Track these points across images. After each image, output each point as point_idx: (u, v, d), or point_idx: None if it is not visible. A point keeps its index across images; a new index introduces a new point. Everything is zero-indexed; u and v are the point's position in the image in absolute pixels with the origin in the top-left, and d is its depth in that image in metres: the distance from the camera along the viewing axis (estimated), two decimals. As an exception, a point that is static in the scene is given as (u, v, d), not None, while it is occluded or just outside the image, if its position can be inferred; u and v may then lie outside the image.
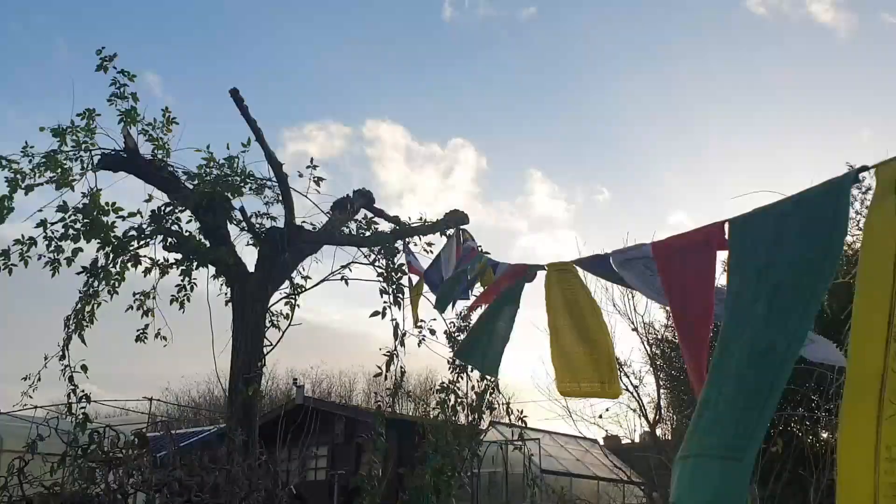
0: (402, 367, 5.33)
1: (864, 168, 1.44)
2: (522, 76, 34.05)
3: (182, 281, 6.13)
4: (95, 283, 5.55)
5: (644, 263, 2.14)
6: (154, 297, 6.21)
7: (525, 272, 2.78)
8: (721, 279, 2.02)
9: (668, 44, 28.66)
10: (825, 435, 8.32)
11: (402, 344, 5.39)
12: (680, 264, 2.01)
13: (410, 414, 16.73)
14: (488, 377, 5.65)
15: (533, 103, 35.27)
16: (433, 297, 5.03)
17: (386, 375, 5.17)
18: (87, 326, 5.51)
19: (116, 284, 5.70)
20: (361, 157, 39.69)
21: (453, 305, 4.45)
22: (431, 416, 6.24)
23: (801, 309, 1.58)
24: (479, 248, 5.24)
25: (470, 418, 5.79)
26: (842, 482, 1.38)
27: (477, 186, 39.87)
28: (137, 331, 6.20)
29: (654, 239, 2.18)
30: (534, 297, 2.92)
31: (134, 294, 6.14)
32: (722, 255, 1.94)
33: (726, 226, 1.81)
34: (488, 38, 33.03)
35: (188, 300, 6.14)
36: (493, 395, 5.80)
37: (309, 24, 29.03)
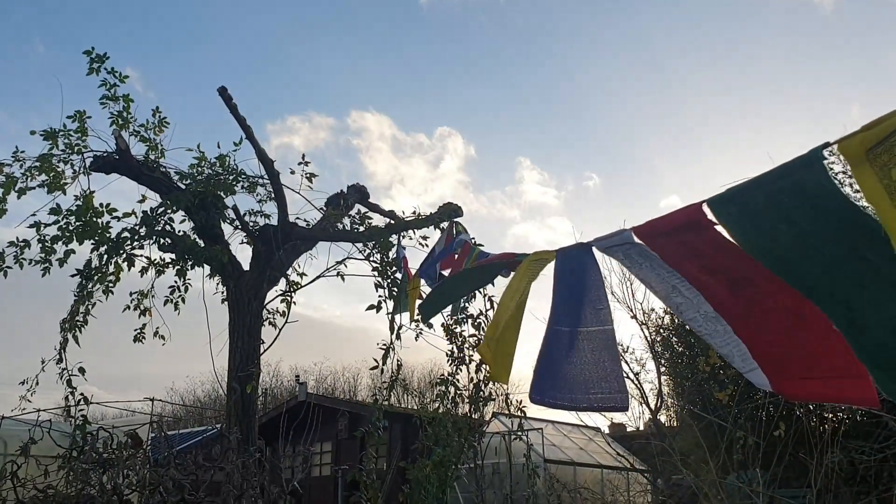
0: (398, 361, 5.33)
1: (827, 144, 1.44)
2: (504, 61, 33.58)
3: (176, 282, 6.13)
4: (89, 286, 5.54)
5: (624, 251, 2.10)
6: (152, 297, 6.20)
7: (510, 259, 2.78)
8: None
9: (652, 22, 28.30)
10: (829, 416, 8.32)
11: (399, 337, 5.39)
12: (679, 242, 1.91)
13: (416, 408, 16.76)
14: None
15: (517, 88, 34.73)
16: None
17: (382, 369, 5.16)
18: (82, 329, 5.49)
19: (111, 284, 5.68)
20: (348, 149, 39.41)
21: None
22: (431, 408, 6.24)
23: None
24: (473, 241, 5.24)
25: (467, 410, 5.79)
26: None
27: (467, 175, 39.65)
28: (135, 331, 6.20)
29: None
30: (535, 288, 2.94)
31: (130, 294, 6.13)
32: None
33: (705, 206, 1.77)
34: (467, 21, 32.54)
35: (182, 301, 6.13)
36: (491, 387, 5.79)
37: (285, 14, 28.71)
